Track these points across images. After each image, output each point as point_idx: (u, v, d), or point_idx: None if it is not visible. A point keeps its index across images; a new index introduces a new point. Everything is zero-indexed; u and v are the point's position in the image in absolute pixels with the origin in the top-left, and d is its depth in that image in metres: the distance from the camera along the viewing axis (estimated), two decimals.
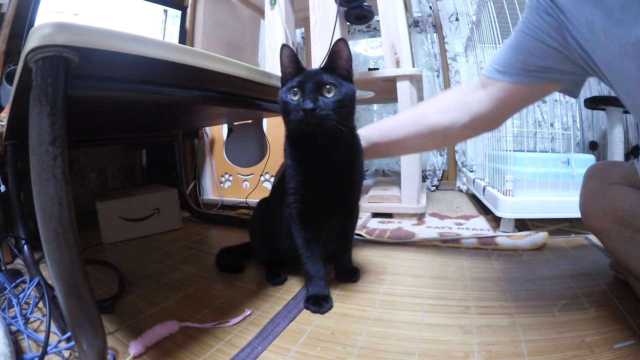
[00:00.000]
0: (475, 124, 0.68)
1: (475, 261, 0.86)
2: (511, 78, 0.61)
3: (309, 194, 0.68)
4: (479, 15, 1.42)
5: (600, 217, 0.64)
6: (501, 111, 0.66)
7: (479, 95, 0.66)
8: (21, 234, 0.95)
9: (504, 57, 0.62)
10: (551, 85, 0.61)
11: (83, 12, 1.30)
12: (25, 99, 0.38)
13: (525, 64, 0.59)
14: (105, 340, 0.44)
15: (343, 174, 0.68)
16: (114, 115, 0.87)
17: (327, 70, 0.64)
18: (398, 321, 0.60)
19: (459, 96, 0.70)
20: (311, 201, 0.68)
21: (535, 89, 0.61)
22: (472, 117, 0.67)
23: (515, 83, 0.61)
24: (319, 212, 0.70)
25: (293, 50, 0.65)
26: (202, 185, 1.75)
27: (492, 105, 0.65)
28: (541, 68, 0.58)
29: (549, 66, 0.57)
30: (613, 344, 0.49)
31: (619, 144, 1.23)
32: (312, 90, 0.61)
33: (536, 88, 0.61)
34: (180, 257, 0.99)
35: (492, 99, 0.64)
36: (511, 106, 0.66)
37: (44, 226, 0.38)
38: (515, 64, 0.60)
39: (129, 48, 0.40)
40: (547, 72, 0.58)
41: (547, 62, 0.57)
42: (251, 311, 0.65)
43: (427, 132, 0.72)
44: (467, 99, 0.68)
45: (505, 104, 0.64)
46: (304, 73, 0.63)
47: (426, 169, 2.15)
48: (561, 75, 0.58)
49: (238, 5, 1.79)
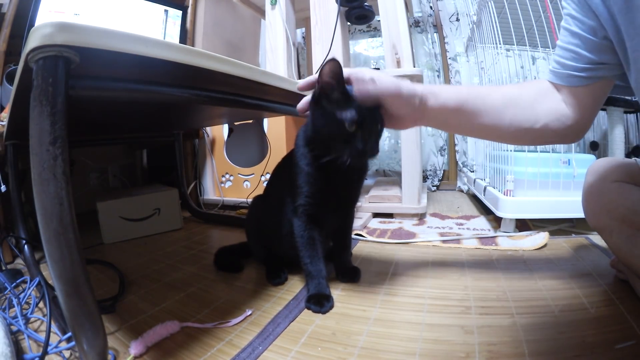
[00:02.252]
0: (560, 127, 0.60)
1: (476, 261, 0.86)
2: (566, 82, 0.57)
3: (323, 198, 0.68)
4: (480, 15, 1.42)
5: (602, 215, 0.64)
6: (582, 114, 0.59)
7: (558, 97, 0.60)
8: (22, 234, 0.94)
9: (557, 59, 0.58)
10: (607, 82, 0.57)
11: (83, 12, 1.30)
12: (25, 99, 0.38)
13: (576, 62, 0.55)
14: (106, 340, 0.44)
15: (356, 179, 0.71)
16: (114, 115, 0.87)
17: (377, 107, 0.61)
18: (399, 321, 0.60)
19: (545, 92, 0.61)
20: (323, 204, 0.69)
21: (593, 90, 0.57)
22: (558, 117, 0.59)
23: (574, 87, 0.57)
24: (327, 213, 0.70)
25: (340, 66, 0.58)
26: (202, 185, 1.75)
27: (572, 109, 0.59)
28: (592, 64, 0.54)
29: (599, 61, 0.54)
30: (614, 344, 0.49)
31: (619, 144, 1.23)
32: (372, 133, 0.60)
33: (593, 88, 0.57)
34: (180, 257, 0.99)
35: (567, 103, 0.59)
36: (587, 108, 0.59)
37: (44, 226, 0.38)
38: (567, 63, 0.56)
39: (129, 48, 0.40)
40: (598, 69, 0.54)
41: (596, 56, 0.53)
42: (252, 311, 0.65)
43: (508, 120, 0.61)
44: (552, 98, 0.60)
45: (580, 106, 0.58)
46: (359, 107, 0.58)
47: (427, 169, 2.15)
48: (612, 71, 0.54)
49: (239, 5, 1.79)
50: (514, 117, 0.61)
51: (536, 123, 0.60)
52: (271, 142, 1.51)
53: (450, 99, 0.63)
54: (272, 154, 1.50)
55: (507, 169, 1.15)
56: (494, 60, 1.31)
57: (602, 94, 0.59)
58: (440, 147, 2.14)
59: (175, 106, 0.85)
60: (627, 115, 1.46)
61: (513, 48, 1.22)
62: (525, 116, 0.60)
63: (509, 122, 0.61)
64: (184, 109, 0.93)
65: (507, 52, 1.27)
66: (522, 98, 0.62)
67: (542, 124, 0.60)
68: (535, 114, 0.60)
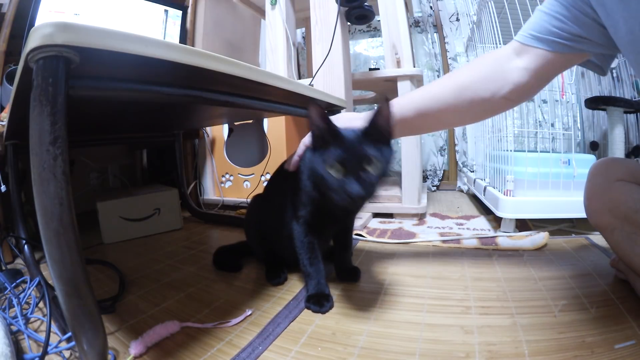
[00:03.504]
0: (514, 95, 0.64)
1: (476, 261, 0.86)
2: (547, 46, 0.59)
3: (323, 214, 0.67)
4: (480, 15, 1.42)
5: (604, 213, 0.64)
6: (539, 80, 0.63)
7: (515, 64, 0.63)
8: (22, 234, 0.94)
9: (539, 23, 0.60)
10: (583, 56, 0.61)
11: (84, 12, 1.30)
12: (25, 99, 0.38)
13: (561, 31, 0.57)
14: (106, 340, 0.44)
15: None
16: (114, 115, 0.87)
17: (367, 137, 0.57)
18: (399, 321, 0.60)
19: (496, 65, 0.65)
20: (322, 219, 0.68)
21: (568, 59, 0.60)
22: (512, 87, 0.63)
23: (551, 52, 0.59)
24: (326, 225, 0.70)
25: (323, 110, 0.56)
26: (202, 185, 1.75)
27: (530, 75, 0.62)
28: (576, 37, 0.57)
29: (584, 36, 0.56)
30: (614, 344, 0.49)
31: (619, 144, 1.23)
32: (357, 169, 0.54)
33: (569, 58, 0.60)
34: (180, 257, 0.99)
35: (529, 69, 0.61)
36: (547, 75, 0.63)
37: (44, 226, 0.38)
38: (551, 29, 0.58)
39: (129, 48, 0.40)
40: (581, 42, 0.57)
41: (583, 31, 0.56)
42: (252, 311, 0.65)
43: (467, 106, 0.66)
44: (504, 68, 0.64)
45: (542, 72, 0.62)
46: (343, 143, 0.56)
47: (427, 169, 2.15)
48: (594, 47, 0.57)
49: (239, 5, 1.79)
50: (471, 102, 0.66)
51: (492, 98, 0.64)
52: (271, 142, 1.51)
53: (406, 109, 0.69)
54: (272, 154, 1.50)
55: (507, 169, 1.15)
56: None
57: (570, 65, 0.63)
58: (440, 147, 2.14)
59: (175, 106, 0.85)
60: (627, 115, 1.46)
61: None
62: (480, 95, 0.65)
63: (466, 108, 0.67)
64: (184, 109, 0.93)
65: None
66: (474, 79, 0.66)
67: (498, 97, 0.64)
68: (489, 90, 0.64)
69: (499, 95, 0.64)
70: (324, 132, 0.57)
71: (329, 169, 0.55)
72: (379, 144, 0.57)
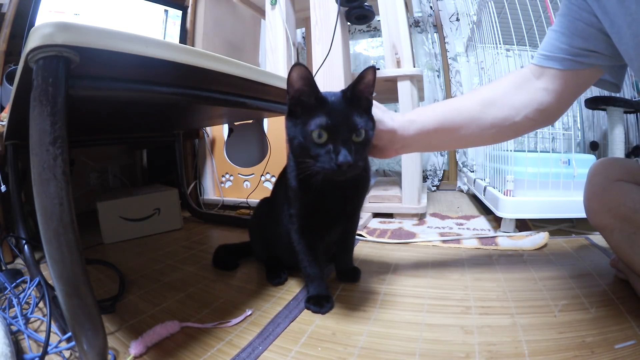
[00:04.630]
0: (539, 115, 0.63)
1: (476, 261, 0.86)
2: (558, 64, 0.59)
3: (313, 214, 0.65)
4: (480, 15, 1.42)
5: (604, 213, 0.64)
6: (560, 101, 0.63)
7: (536, 85, 0.63)
8: (22, 234, 0.95)
9: (549, 42, 0.61)
10: (596, 72, 0.61)
11: (83, 12, 1.30)
12: (25, 99, 0.38)
13: (570, 46, 0.58)
14: (106, 340, 0.44)
15: (351, 194, 0.66)
16: (114, 115, 0.87)
17: (352, 105, 0.55)
18: (399, 321, 0.60)
19: (521, 83, 0.64)
20: (314, 219, 0.66)
21: (581, 76, 0.60)
22: (536, 106, 0.62)
23: (562, 70, 0.60)
24: (322, 226, 0.68)
25: (309, 71, 0.53)
26: (202, 185, 1.75)
27: (551, 96, 0.62)
28: (584, 51, 0.57)
29: (591, 49, 0.57)
30: (614, 344, 0.49)
31: (619, 144, 1.23)
32: (347, 138, 0.52)
33: (582, 75, 0.60)
34: (180, 257, 0.99)
35: (549, 89, 0.62)
36: (567, 95, 0.62)
37: (44, 226, 0.38)
38: (560, 46, 0.59)
39: (129, 48, 0.40)
40: (590, 56, 0.57)
41: (589, 43, 0.56)
42: (252, 311, 0.65)
43: (490, 121, 0.64)
44: (529, 88, 0.63)
45: (561, 92, 0.61)
46: (328, 109, 0.53)
47: (427, 169, 2.15)
48: (603, 60, 0.58)
49: (239, 5, 1.79)
50: (495, 118, 0.64)
51: (516, 116, 0.63)
52: (271, 142, 1.51)
53: (428, 121, 0.66)
54: (272, 154, 1.50)
55: (507, 169, 1.15)
56: (494, 60, 1.31)
57: (586, 82, 0.62)
58: None
59: (175, 106, 0.85)
60: (627, 115, 1.46)
61: (513, 48, 1.23)
62: (504, 113, 0.64)
63: (490, 124, 0.65)
64: (184, 109, 0.93)
65: (507, 52, 1.27)
66: (498, 96, 0.65)
67: (522, 116, 0.63)
68: (514, 107, 0.63)
69: (523, 114, 0.63)
70: (306, 97, 0.54)
71: (313, 136, 0.52)
72: (362, 111, 0.56)
